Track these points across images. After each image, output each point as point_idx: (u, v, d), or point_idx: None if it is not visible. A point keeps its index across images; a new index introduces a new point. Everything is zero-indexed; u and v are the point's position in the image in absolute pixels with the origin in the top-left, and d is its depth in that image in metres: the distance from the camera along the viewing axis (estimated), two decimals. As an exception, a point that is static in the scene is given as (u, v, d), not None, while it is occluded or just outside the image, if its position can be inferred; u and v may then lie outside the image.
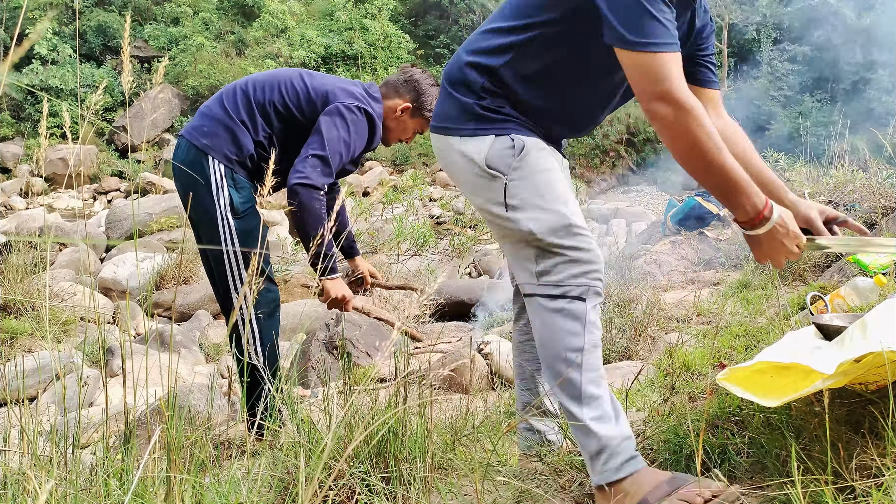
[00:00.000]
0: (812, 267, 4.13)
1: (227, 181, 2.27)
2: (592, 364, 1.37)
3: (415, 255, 7.01)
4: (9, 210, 13.29)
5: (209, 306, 5.67)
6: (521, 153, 1.42)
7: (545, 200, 1.41)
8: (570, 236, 1.39)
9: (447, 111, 1.51)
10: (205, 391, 2.78)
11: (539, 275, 1.40)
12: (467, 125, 1.47)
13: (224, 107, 2.35)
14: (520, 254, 1.44)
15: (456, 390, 3.17)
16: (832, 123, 11.74)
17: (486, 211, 1.47)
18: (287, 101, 2.36)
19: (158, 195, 9.47)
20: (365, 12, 19.38)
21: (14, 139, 16.88)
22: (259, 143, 2.34)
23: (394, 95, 2.51)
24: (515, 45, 1.43)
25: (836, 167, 6.02)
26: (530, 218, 1.40)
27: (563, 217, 1.40)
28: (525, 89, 1.45)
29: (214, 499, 1.32)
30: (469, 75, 1.47)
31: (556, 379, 1.39)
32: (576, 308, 1.37)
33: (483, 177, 1.44)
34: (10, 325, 4.34)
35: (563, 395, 1.38)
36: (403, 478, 1.45)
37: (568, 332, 1.37)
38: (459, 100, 1.48)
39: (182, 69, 18.45)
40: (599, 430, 1.34)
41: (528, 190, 1.41)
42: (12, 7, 17.12)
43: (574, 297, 1.37)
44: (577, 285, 1.38)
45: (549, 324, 1.39)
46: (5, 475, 1.32)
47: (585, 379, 1.36)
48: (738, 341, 2.23)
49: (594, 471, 1.36)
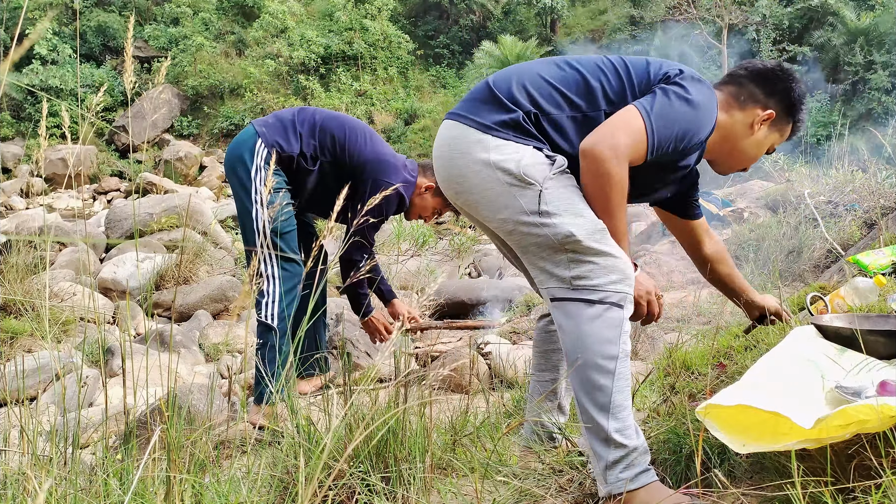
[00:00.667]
0: (812, 267, 4.13)
1: (266, 161, 2.60)
2: (623, 373, 1.36)
3: (415, 255, 7.01)
4: (9, 210, 13.29)
5: (209, 306, 5.67)
6: (558, 167, 1.43)
7: (579, 207, 1.42)
8: (606, 241, 1.40)
9: (484, 111, 1.49)
10: (205, 391, 2.78)
11: (574, 279, 1.38)
12: (504, 131, 1.45)
13: (293, 114, 2.73)
14: (550, 259, 1.41)
15: (456, 390, 3.17)
16: (832, 123, 11.73)
17: (512, 221, 1.43)
18: (346, 140, 2.69)
19: (158, 195, 9.47)
20: (365, 12, 19.38)
21: (14, 139, 16.88)
22: (303, 153, 2.65)
23: (422, 175, 2.86)
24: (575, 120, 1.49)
25: (836, 167, 6.02)
26: (567, 222, 1.39)
27: (596, 223, 1.41)
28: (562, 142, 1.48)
29: (214, 499, 1.32)
30: (520, 99, 1.48)
31: (586, 386, 1.36)
32: (613, 315, 1.36)
33: (515, 185, 1.41)
34: (9, 325, 4.34)
35: (591, 404, 1.36)
36: (403, 478, 1.45)
37: (603, 340, 1.35)
38: (506, 105, 1.47)
39: (182, 69, 18.45)
40: (622, 441, 1.34)
41: (562, 197, 1.41)
42: (12, 7, 17.12)
43: (612, 304, 1.37)
44: (615, 291, 1.37)
45: (583, 331, 1.37)
46: (5, 475, 1.32)
47: (616, 388, 1.35)
48: (738, 341, 2.23)
49: (607, 480, 1.35)
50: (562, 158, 1.45)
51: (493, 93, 1.50)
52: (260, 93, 17.95)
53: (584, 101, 1.49)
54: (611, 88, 1.50)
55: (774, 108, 1.62)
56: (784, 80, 1.63)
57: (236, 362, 4.28)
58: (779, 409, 1.18)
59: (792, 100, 1.63)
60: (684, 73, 1.51)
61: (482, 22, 20.82)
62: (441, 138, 1.56)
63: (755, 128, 1.61)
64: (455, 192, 1.53)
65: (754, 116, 1.61)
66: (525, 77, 1.52)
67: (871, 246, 3.28)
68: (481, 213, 1.49)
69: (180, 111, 18.55)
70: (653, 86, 1.49)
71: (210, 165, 16.55)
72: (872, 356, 1.46)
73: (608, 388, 1.34)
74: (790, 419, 1.15)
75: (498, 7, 20.97)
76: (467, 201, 1.51)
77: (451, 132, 1.52)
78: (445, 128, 1.55)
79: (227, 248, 7.41)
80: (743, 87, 1.63)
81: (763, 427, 1.21)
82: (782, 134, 1.68)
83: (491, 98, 1.49)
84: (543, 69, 1.54)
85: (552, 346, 1.77)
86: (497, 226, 1.47)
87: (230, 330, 4.87)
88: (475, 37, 20.16)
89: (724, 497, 1.30)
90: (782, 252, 4.39)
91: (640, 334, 3.52)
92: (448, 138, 1.53)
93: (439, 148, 1.56)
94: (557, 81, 1.51)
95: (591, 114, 1.49)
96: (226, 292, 5.75)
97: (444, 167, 1.54)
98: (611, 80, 1.51)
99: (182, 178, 15.92)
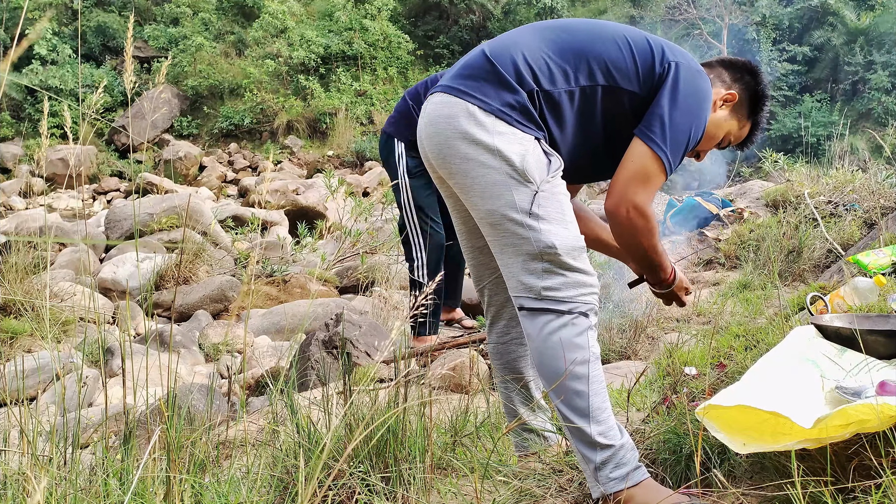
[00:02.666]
0: (812, 267, 4.13)
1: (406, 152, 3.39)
2: (597, 376, 1.38)
3: (415, 256, 6.99)
4: (9, 210, 13.28)
5: (209, 306, 5.67)
6: (555, 171, 1.43)
7: (566, 218, 1.42)
8: (581, 259, 1.41)
9: (488, 89, 1.43)
10: (205, 391, 2.78)
11: (544, 289, 1.39)
12: (510, 114, 1.41)
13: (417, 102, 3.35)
14: (525, 267, 1.40)
15: (456, 390, 3.16)
16: (832, 123, 11.74)
17: (500, 214, 1.40)
18: None
19: (158, 195, 9.46)
20: (364, 12, 19.37)
21: (14, 139, 16.87)
22: None
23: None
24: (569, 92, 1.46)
25: (836, 167, 6.02)
26: (553, 231, 1.39)
27: (579, 239, 1.42)
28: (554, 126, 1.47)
29: (214, 499, 1.32)
30: (525, 75, 1.43)
31: (564, 394, 1.37)
32: (581, 322, 1.38)
33: (513, 178, 1.39)
34: (9, 325, 4.34)
35: (570, 411, 1.37)
36: (403, 478, 1.45)
37: (573, 346, 1.36)
38: (510, 85, 1.42)
39: (182, 69, 18.43)
40: (606, 443, 1.34)
41: (553, 204, 1.41)
42: (12, 7, 17.11)
43: (579, 314, 1.39)
44: (583, 302, 1.39)
45: (552, 340, 1.37)
46: (5, 475, 1.32)
47: (592, 391, 1.36)
48: (738, 341, 2.23)
49: (598, 481, 1.35)
50: (558, 159, 1.44)
51: (496, 68, 1.43)
52: (260, 93, 17.94)
53: (583, 74, 1.46)
54: (612, 62, 1.47)
55: (738, 92, 1.62)
56: (751, 73, 1.65)
57: (236, 362, 4.28)
58: (778, 409, 1.18)
59: (756, 91, 1.64)
60: (681, 65, 1.47)
61: (482, 22, 20.81)
62: (436, 115, 1.46)
63: (717, 105, 1.61)
64: (449, 173, 1.46)
65: (717, 95, 1.61)
66: (525, 49, 1.46)
67: (871, 246, 3.28)
68: (470, 199, 1.45)
69: (180, 111, 18.53)
70: (656, 76, 1.46)
71: (210, 165, 16.53)
72: (872, 356, 1.46)
73: (585, 393, 1.36)
74: (790, 419, 1.15)
75: (498, 7, 20.96)
76: (459, 183, 1.45)
77: (450, 109, 1.43)
78: (442, 104, 1.45)
79: (226, 248, 7.41)
80: (712, 69, 1.65)
81: (763, 427, 1.21)
82: (740, 126, 1.66)
83: (493, 74, 1.43)
84: (541, 38, 1.49)
85: (513, 355, 1.72)
86: (483, 215, 1.43)
87: (230, 330, 4.87)
88: (475, 37, 20.15)
89: (724, 497, 1.30)
90: (782, 252, 4.39)
91: (640, 334, 3.52)
92: (446, 116, 1.44)
93: (434, 125, 1.46)
94: (555, 53, 1.46)
95: (588, 88, 1.46)
96: (226, 292, 5.75)
97: (439, 145, 1.45)
98: (612, 53, 1.47)
99: (182, 178, 15.93)
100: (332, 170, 14.83)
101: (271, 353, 4.47)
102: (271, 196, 10.28)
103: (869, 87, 13.28)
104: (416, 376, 1.84)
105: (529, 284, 1.40)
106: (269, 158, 8.88)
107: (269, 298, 6.04)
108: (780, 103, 13.70)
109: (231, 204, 11.50)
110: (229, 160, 17.28)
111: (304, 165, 16.75)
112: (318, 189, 11.15)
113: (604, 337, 3.50)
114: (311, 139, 17.91)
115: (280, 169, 15.92)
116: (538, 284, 1.39)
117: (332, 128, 17.70)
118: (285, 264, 6.61)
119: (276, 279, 6.21)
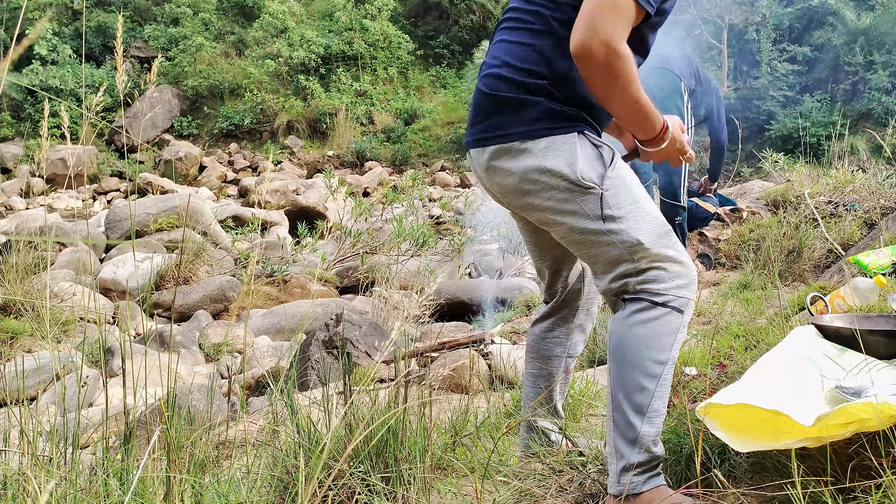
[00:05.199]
0: (812, 267, 4.13)
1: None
2: (667, 380, 1.34)
3: (415, 255, 7.00)
4: (9, 210, 13.29)
5: (209, 306, 5.67)
6: (611, 161, 1.37)
7: (642, 205, 1.37)
8: (673, 245, 1.36)
9: (507, 118, 1.37)
10: (205, 391, 2.78)
11: (639, 283, 1.35)
12: (539, 126, 1.35)
13: None
14: (619, 272, 1.36)
15: (456, 390, 3.16)
16: (832, 123, 11.73)
17: (578, 229, 1.36)
18: None
19: (158, 195, 9.47)
20: (365, 12, 19.36)
21: (14, 139, 16.87)
22: None
23: None
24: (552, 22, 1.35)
25: (836, 167, 6.02)
26: (634, 227, 1.34)
27: (662, 223, 1.37)
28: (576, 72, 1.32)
29: (214, 499, 1.32)
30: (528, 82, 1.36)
31: (628, 386, 1.33)
32: (672, 320, 1.33)
33: (573, 191, 1.34)
34: (10, 325, 4.34)
35: (628, 404, 1.33)
36: (403, 478, 1.45)
37: (657, 344, 1.32)
38: (521, 102, 1.36)
39: (182, 69, 18.44)
40: (652, 449, 1.33)
41: (623, 196, 1.35)
42: (12, 7, 17.11)
43: (674, 308, 1.33)
44: (678, 296, 1.34)
45: (638, 330, 1.33)
46: (5, 475, 1.32)
47: (657, 393, 1.33)
48: (738, 341, 2.23)
49: (619, 480, 1.33)
50: (608, 149, 1.38)
51: (497, 96, 1.39)
52: (260, 93, 17.93)
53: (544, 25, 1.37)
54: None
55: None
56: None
57: (236, 362, 4.28)
58: (779, 408, 1.18)
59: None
60: None
61: (482, 22, 20.80)
62: (481, 173, 1.45)
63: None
64: (522, 206, 1.43)
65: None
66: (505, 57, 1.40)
67: (871, 246, 3.28)
68: (553, 228, 1.42)
69: (180, 111, 18.53)
70: None
71: (210, 165, 16.52)
72: (872, 356, 1.46)
73: (650, 392, 1.32)
74: (790, 417, 1.15)
75: (498, 7, 20.95)
76: (538, 218, 1.43)
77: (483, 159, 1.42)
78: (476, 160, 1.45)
79: (226, 248, 7.41)
80: None
81: (763, 426, 1.21)
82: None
83: (501, 104, 1.38)
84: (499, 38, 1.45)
85: (548, 353, 1.72)
86: (564, 234, 1.40)
87: (230, 330, 4.87)
88: (475, 37, 20.13)
89: (724, 497, 1.30)
90: (782, 252, 4.39)
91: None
92: (485, 169, 1.42)
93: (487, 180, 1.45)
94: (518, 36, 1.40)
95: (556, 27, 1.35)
96: (226, 292, 5.75)
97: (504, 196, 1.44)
98: None
99: (182, 178, 15.92)
100: (333, 170, 14.84)
101: (271, 353, 4.47)
102: (271, 196, 10.28)
103: (869, 87, 13.28)
104: (417, 376, 1.84)
105: (625, 287, 1.36)
106: (269, 158, 8.88)
107: (269, 298, 6.04)
108: (780, 103, 13.69)
109: (231, 204, 11.51)
110: (229, 160, 17.27)
111: (304, 165, 16.74)
112: (319, 189, 11.15)
113: (604, 337, 3.50)
114: (312, 139, 17.90)
115: (280, 169, 15.92)
116: (633, 280, 1.35)
117: (333, 128, 17.69)
118: (285, 264, 6.62)
119: (276, 279, 6.21)
